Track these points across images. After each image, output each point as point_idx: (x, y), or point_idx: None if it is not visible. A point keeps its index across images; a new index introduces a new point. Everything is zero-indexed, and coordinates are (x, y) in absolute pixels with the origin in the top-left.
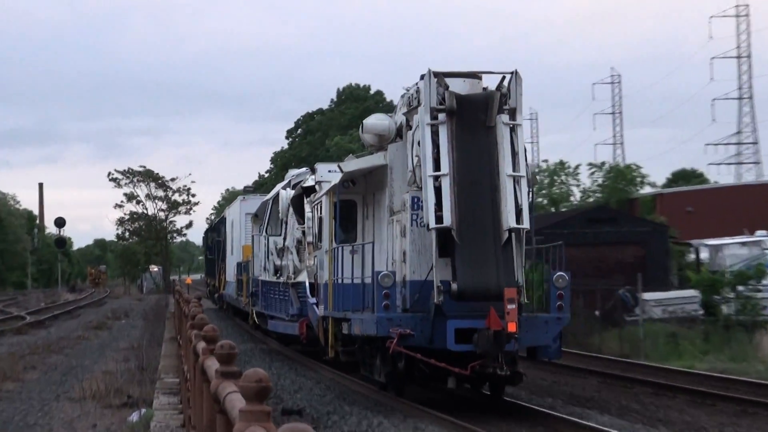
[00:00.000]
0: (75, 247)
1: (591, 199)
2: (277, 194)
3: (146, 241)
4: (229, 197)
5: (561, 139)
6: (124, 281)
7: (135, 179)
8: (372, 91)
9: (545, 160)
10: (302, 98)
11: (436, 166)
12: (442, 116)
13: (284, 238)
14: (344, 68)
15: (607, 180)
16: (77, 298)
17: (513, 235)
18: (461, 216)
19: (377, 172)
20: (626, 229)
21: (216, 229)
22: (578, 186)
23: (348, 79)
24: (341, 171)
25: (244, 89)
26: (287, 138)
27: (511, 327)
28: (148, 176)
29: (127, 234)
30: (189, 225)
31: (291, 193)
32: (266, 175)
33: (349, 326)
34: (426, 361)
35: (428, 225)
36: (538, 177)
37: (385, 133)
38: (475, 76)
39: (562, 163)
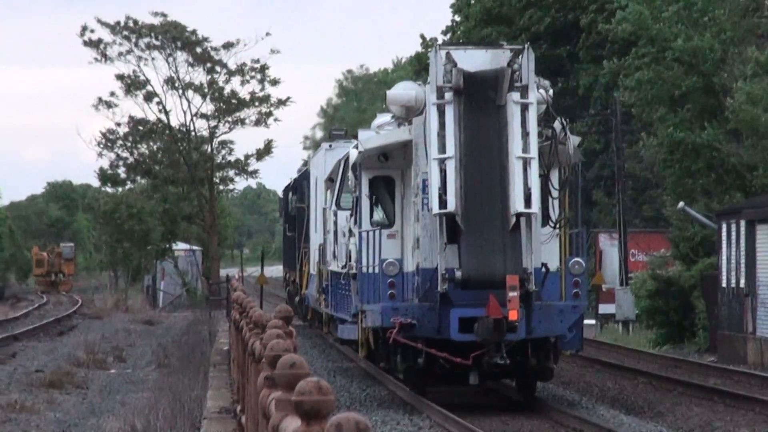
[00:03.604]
0: (6, 199)
1: None
2: (347, 154)
3: (166, 186)
4: (358, 87)
5: None
6: (115, 278)
7: (141, 43)
8: None
9: None
10: None
11: (442, 148)
12: (449, 95)
13: (352, 214)
14: None
15: None
16: (9, 317)
17: (522, 219)
18: (467, 200)
19: (409, 146)
20: None
21: (298, 187)
22: None
23: None
24: (362, 147)
25: None
26: None
27: (512, 315)
28: (173, 38)
29: (121, 170)
30: (266, 150)
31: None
32: (441, 41)
33: (365, 319)
34: (433, 353)
35: (432, 210)
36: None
37: (412, 104)
38: (496, 45)
39: None
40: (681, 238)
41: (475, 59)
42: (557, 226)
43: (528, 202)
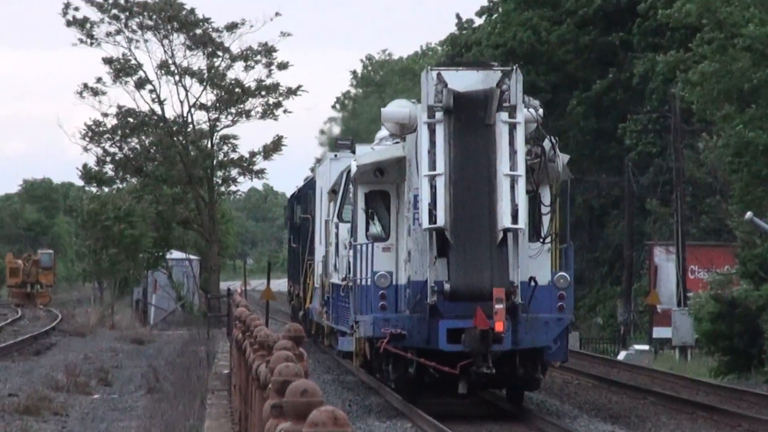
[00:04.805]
0: None
1: None
2: (349, 166)
3: (160, 186)
4: (379, 75)
5: None
6: (100, 290)
7: (132, 23)
8: None
9: None
10: None
11: (433, 165)
12: (439, 114)
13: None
14: None
15: None
16: None
17: (509, 235)
18: (456, 216)
19: (403, 162)
20: None
21: (303, 197)
22: None
23: None
24: (358, 162)
25: None
26: None
27: (498, 326)
28: (169, 17)
29: (108, 168)
30: (275, 146)
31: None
32: (476, 24)
33: (359, 329)
34: (422, 363)
35: (422, 225)
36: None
37: (406, 122)
38: (486, 66)
39: None
40: (749, 254)
41: (466, 79)
42: (545, 241)
43: (515, 218)
